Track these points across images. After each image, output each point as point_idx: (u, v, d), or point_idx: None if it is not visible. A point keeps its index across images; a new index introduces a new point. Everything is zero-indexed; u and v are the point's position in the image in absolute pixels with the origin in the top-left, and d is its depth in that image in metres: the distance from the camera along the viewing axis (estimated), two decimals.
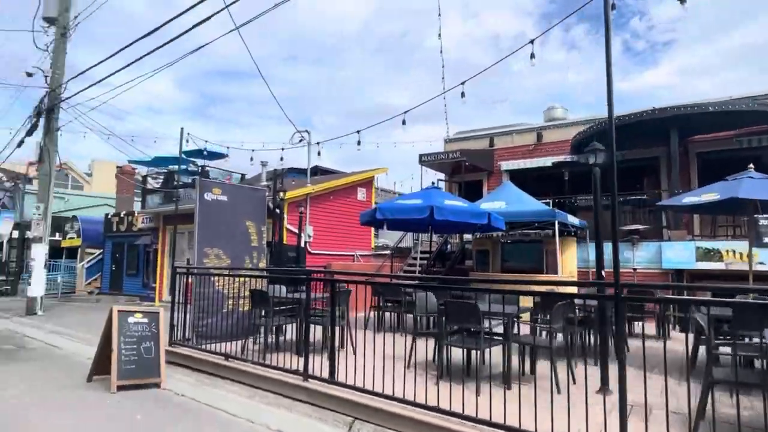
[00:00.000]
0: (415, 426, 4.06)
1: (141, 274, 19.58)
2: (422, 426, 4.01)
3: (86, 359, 7.51)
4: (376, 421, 4.32)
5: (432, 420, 3.99)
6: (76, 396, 5.25)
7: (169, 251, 15.37)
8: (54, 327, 10.69)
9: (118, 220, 20.70)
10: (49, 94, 13.84)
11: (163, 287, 15.29)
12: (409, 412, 4.14)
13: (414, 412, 4.14)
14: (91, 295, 20.96)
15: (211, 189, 7.54)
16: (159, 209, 15.71)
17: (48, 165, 13.73)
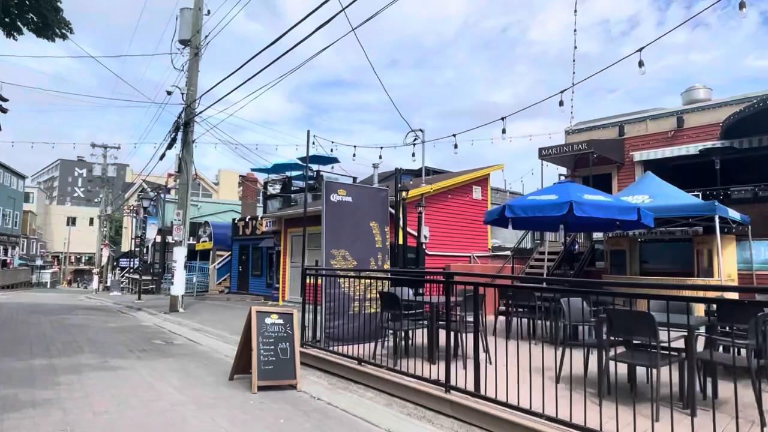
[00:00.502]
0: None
1: (264, 275, 20.77)
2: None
3: (224, 356, 7.87)
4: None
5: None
6: (223, 395, 5.38)
7: (290, 253, 16.02)
8: (194, 324, 11.53)
9: (244, 224, 22.22)
10: (185, 110, 15.15)
11: (285, 287, 15.98)
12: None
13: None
14: (221, 294, 22.75)
15: (337, 190, 7.51)
16: (280, 213, 16.45)
17: (186, 175, 15.02)
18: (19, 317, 12.32)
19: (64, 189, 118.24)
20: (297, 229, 15.68)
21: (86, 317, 13.13)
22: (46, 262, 70.14)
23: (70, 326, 10.77)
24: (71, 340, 8.70)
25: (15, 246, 54.68)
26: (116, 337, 9.35)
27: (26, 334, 9.11)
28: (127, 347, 8.23)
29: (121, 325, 11.62)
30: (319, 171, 21.62)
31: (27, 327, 10.25)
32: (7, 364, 6.24)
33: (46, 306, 17.10)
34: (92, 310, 16.09)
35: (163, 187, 28.43)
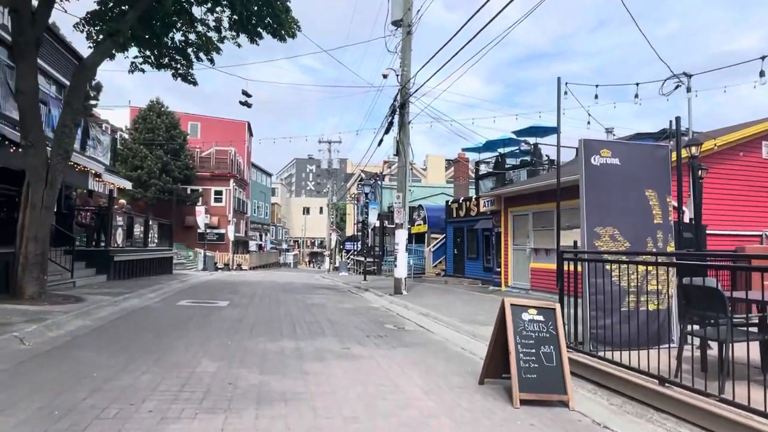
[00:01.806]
0: None
1: (481, 258, 19.80)
2: None
3: (461, 349, 6.97)
4: None
5: None
6: (479, 406, 4.37)
7: (512, 234, 14.62)
8: (419, 308, 11.10)
9: (457, 206, 21.62)
10: (400, 92, 14.97)
11: (508, 272, 14.67)
12: None
13: None
14: (438, 277, 22.69)
15: (599, 150, 5.82)
16: (500, 191, 15.13)
17: (403, 157, 14.86)
18: (271, 295, 13.74)
19: (299, 183, 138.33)
20: (520, 208, 14.16)
21: (323, 297, 14.00)
22: (289, 246, 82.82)
23: (311, 306, 11.40)
24: (313, 320, 8.95)
25: (267, 233, 65.62)
26: (351, 319, 9.37)
27: (277, 313, 9.75)
28: (363, 331, 8.02)
29: (353, 305, 11.90)
30: (537, 144, 19.59)
31: (278, 306, 11.12)
32: (263, 345, 6.37)
33: (292, 285, 19.20)
34: (327, 290, 17.39)
35: (379, 174, 29.87)
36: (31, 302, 7.76)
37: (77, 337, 6.24)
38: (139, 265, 15.96)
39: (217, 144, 42.56)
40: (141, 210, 24.74)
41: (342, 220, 69.81)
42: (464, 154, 23.64)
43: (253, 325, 8.02)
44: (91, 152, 16.69)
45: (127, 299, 9.97)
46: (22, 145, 8.21)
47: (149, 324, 7.59)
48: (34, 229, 8.07)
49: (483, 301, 12.58)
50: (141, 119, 36.82)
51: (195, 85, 14.60)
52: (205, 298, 11.90)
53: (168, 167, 35.61)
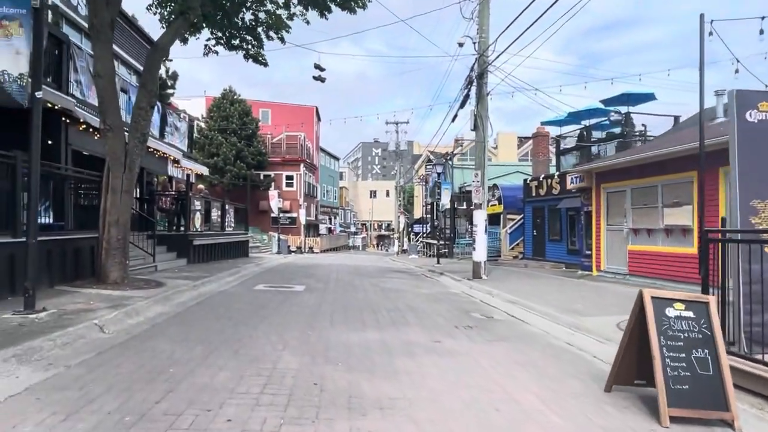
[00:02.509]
0: None
1: (565, 240, 18.37)
2: None
3: (566, 344, 6.07)
4: None
5: None
6: (617, 424, 3.51)
7: (605, 213, 13.20)
8: (504, 294, 10.19)
9: (537, 184, 20.19)
10: (477, 60, 13.87)
11: (601, 255, 13.30)
12: None
13: None
14: (516, 260, 21.47)
15: (756, 104, 4.62)
16: (591, 165, 13.69)
17: (482, 131, 13.82)
18: (345, 279, 13.36)
19: (365, 167, 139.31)
20: (615, 184, 12.71)
21: (398, 281, 13.43)
22: (357, 229, 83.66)
23: (388, 291, 10.84)
24: (393, 307, 8.35)
25: (335, 216, 66.49)
26: (433, 307, 8.68)
27: (354, 299, 9.26)
28: (448, 321, 7.31)
29: (431, 291, 11.21)
30: (629, 113, 17.70)
31: (354, 291, 10.66)
32: (345, 337, 5.83)
33: (364, 268, 18.85)
34: (400, 273, 16.84)
35: (449, 153, 28.75)
36: (114, 287, 7.75)
37: (156, 325, 6.01)
38: (217, 248, 16.20)
39: (287, 129, 43.19)
40: (218, 195, 25.48)
41: (409, 202, 69.21)
42: (544, 128, 22.00)
43: (332, 312, 7.55)
44: (170, 138, 17.06)
45: (206, 283, 9.90)
46: (101, 129, 8.17)
47: (227, 311, 7.32)
48: (114, 213, 8.04)
49: (575, 287, 11.43)
50: (215, 107, 37.97)
51: (265, 65, 14.30)
52: (281, 282, 11.70)
53: (242, 153, 36.55)
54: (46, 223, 7.92)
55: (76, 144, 11.17)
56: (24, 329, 4.85)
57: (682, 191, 10.56)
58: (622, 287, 11.04)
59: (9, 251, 6.49)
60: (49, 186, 8.01)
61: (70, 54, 10.89)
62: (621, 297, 9.53)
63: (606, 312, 7.98)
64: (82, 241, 8.45)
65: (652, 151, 10.80)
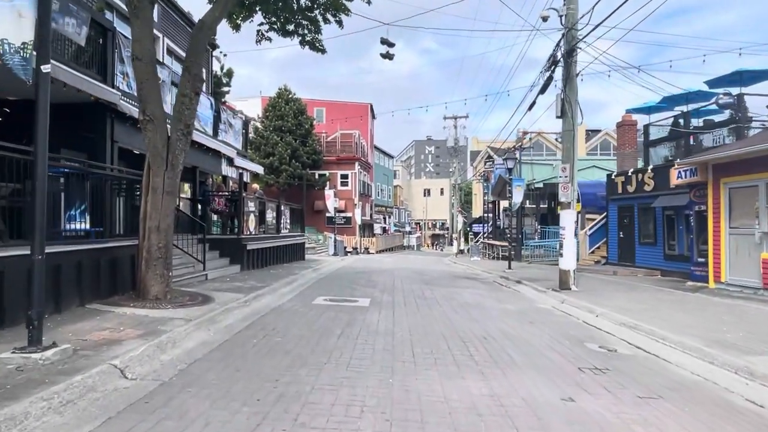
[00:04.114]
0: None
1: (661, 244, 15.94)
2: None
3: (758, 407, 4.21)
4: None
5: None
6: None
7: (726, 213, 10.89)
8: (612, 313, 8.26)
9: (624, 180, 17.77)
10: (565, 35, 11.91)
11: (721, 264, 10.99)
12: None
13: None
14: (598, 266, 19.12)
15: None
16: (708, 156, 11.36)
17: (570, 118, 11.84)
18: (413, 288, 11.82)
19: (419, 165, 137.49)
20: (741, 178, 10.40)
21: (473, 291, 11.74)
22: (412, 228, 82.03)
23: (467, 306, 9.19)
24: (484, 333, 6.71)
25: (390, 215, 65.21)
26: (532, 333, 6.96)
27: (432, 319, 7.69)
28: (563, 357, 5.59)
29: (518, 307, 9.45)
30: (741, 94, 15.03)
31: (427, 306, 9.10)
32: (439, 388, 4.29)
33: (428, 273, 17.24)
34: (470, 280, 15.11)
35: (517, 147, 26.58)
36: (153, 304, 6.60)
37: (194, 363, 4.70)
38: (272, 252, 15.13)
39: (341, 128, 42.29)
40: (274, 196, 24.67)
41: (466, 201, 66.83)
42: (630, 116, 19.47)
43: (411, 341, 6.01)
44: (224, 136, 16.20)
45: (259, 297, 8.64)
46: (140, 120, 7.06)
47: (283, 338, 5.95)
48: (155, 218, 6.90)
49: (699, 304, 9.29)
50: (271, 107, 37.57)
51: (323, 52, 13.04)
52: (341, 293, 10.32)
53: (297, 153, 35.91)
54: (81, 229, 6.92)
55: (123, 141, 10.31)
56: (18, 377, 3.64)
57: None
58: (766, 307, 8.81)
59: None
60: (85, 187, 6.99)
61: (116, 43, 10.00)
62: None
63: None
64: (122, 249, 7.40)
65: None
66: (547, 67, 13.08)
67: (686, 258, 14.21)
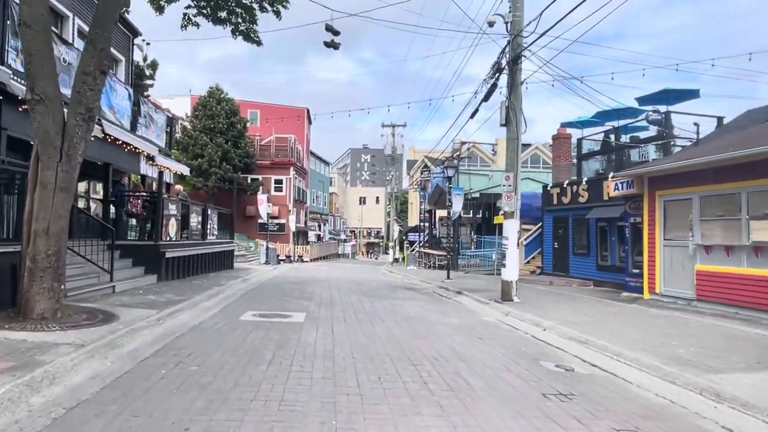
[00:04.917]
0: None
1: (594, 254, 16.27)
2: None
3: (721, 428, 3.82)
4: None
5: None
6: None
7: (661, 225, 11.08)
8: (559, 327, 7.97)
9: (560, 191, 18.09)
10: (510, 43, 11.73)
11: (656, 275, 11.15)
12: None
13: None
14: (534, 275, 19.30)
15: None
16: (644, 169, 11.57)
17: (515, 127, 11.64)
18: (351, 300, 11.04)
19: (355, 173, 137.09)
20: (677, 191, 10.61)
21: (415, 304, 11.15)
22: (347, 237, 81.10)
23: (412, 321, 8.55)
24: (435, 353, 6.06)
25: (325, 223, 63.98)
26: (483, 350, 6.42)
27: (376, 337, 6.95)
28: (524, 380, 5.05)
29: (465, 321, 8.93)
30: (668, 112, 15.72)
31: (369, 321, 8.36)
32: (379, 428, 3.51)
33: (366, 283, 16.51)
34: (410, 291, 14.55)
35: (456, 157, 26.63)
36: (37, 324, 5.35)
37: (74, 409, 3.63)
38: (196, 261, 13.75)
39: (276, 131, 40.79)
40: (202, 200, 22.87)
41: (402, 210, 67.04)
42: (565, 129, 19.97)
43: (355, 366, 5.22)
44: (144, 132, 14.62)
45: (176, 313, 7.50)
46: (27, 99, 5.80)
47: (200, 368, 4.95)
48: (44, 219, 5.65)
49: (640, 317, 9.23)
50: (201, 106, 35.45)
51: (259, 44, 12.03)
52: (274, 306, 9.34)
53: (228, 155, 34.04)
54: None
55: (15, 129, 8.75)
56: None
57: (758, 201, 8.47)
58: (704, 319, 8.88)
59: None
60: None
61: (8, 14, 8.48)
62: (721, 336, 7.37)
63: (726, 362, 5.79)
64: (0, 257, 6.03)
65: (748, 149, 8.68)
66: (491, 74, 12.89)
67: (618, 269, 14.53)
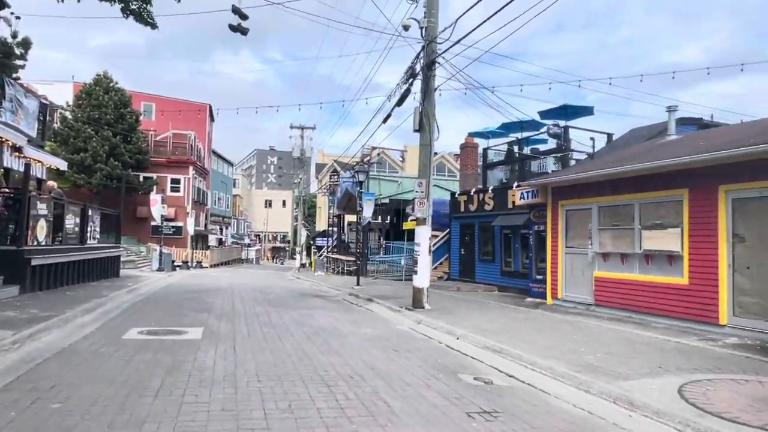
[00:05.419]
0: None
1: (499, 260, 16.82)
2: None
3: None
4: None
5: None
6: None
7: (563, 233, 11.62)
8: (472, 335, 7.92)
9: (466, 199, 18.53)
10: (425, 48, 11.67)
11: (558, 281, 11.66)
12: None
13: None
14: (441, 281, 19.58)
15: None
16: (549, 179, 12.07)
17: (428, 133, 11.57)
18: (257, 311, 10.20)
19: (260, 175, 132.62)
20: (578, 201, 11.17)
21: (325, 313, 10.58)
22: (251, 241, 77.89)
23: (322, 332, 7.99)
24: (349, 370, 5.57)
25: (228, 226, 60.84)
26: (400, 364, 6.06)
27: (284, 355, 6.31)
28: (445, 398, 4.74)
29: (378, 332, 8.55)
30: (567, 127, 16.75)
31: (277, 336, 7.66)
32: None
33: (272, 291, 15.59)
34: (319, 299, 13.93)
35: (367, 162, 26.45)
36: None
37: None
38: (71, 268, 11.98)
39: (174, 128, 37.90)
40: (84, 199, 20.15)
41: (310, 214, 65.81)
42: (472, 139, 20.60)
43: (261, 392, 4.57)
44: (8, 118, 12.50)
45: (39, 333, 6.25)
46: None
47: (63, 405, 4.01)
48: None
49: (548, 323, 9.47)
50: (85, 95, 31.84)
51: (154, 27, 10.84)
52: (166, 321, 8.26)
53: (117, 151, 30.87)
54: None
55: None
56: None
57: (666, 211, 9.16)
58: (603, 323, 9.33)
59: None
60: None
61: None
62: (622, 340, 7.70)
63: (632, 367, 5.97)
64: None
65: (640, 163, 9.29)
66: (405, 79, 12.75)
67: (522, 274, 15.11)
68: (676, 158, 8.70)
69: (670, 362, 6.22)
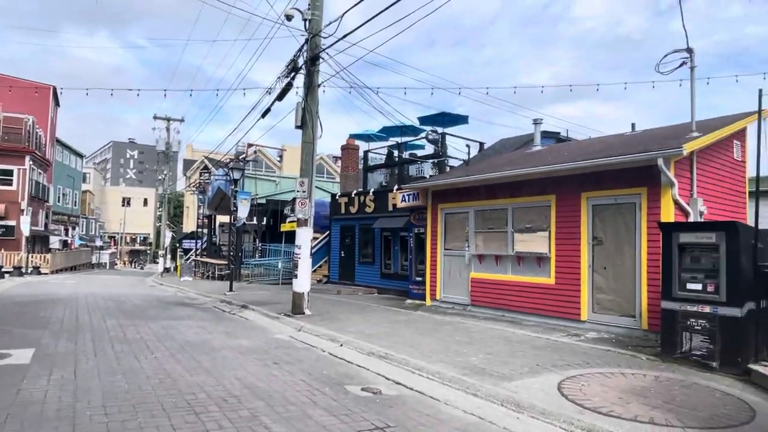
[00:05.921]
0: None
1: (379, 263, 16.85)
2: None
3: None
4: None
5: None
6: None
7: (442, 236, 11.90)
8: (356, 341, 7.64)
9: (347, 201, 18.31)
10: (308, 42, 11.13)
11: (437, 283, 11.89)
12: None
13: None
14: (320, 284, 19.06)
15: None
16: (429, 183, 12.28)
17: (311, 131, 11.05)
18: (108, 325, 8.76)
19: (117, 171, 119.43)
20: (456, 205, 11.51)
21: (193, 324, 9.48)
22: (105, 243, 69.48)
23: (189, 347, 7.04)
24: (223, 392, 4.85)
25: (75, 226, 53.51)
26: (282, 380, 5.49)
27: (139, 375, 5.34)
28: (334, 415, 4.31)
29: (253, 342, 7.82)
30: (444, 133, 17.39)
31: (133, 354, 6.54)
32: None
33: (129, 300, 13.74)
34: (186, 307, 12.58)
35: (242, 159, 24.92)
36: None
37: None
38: None
39: (6, 109, 32.19)
40: None
41: (177, 214, 60.70)
42: (353, 140, 20.45)
43: (108, 428, 3.69)
44: None
45: None
46: None
47: None
48: None
49: (431, 325, 9.50)
50: None
51: None
52: None
53: None
54: None
55: None
56: None
57: (537, 216, 9.78)
58: (479, 323, 9.63)
59: None
60: None
61: None
62: (500, 339, 7.95)
63: (513, 367, 6.12)
64: None
65: (515, 170, 9.79)
66: (286, 72, 12.05)
67: (401, 276, 15.26)
68: (546, 166, 9.32)
69: (546, 359, 6.50)
